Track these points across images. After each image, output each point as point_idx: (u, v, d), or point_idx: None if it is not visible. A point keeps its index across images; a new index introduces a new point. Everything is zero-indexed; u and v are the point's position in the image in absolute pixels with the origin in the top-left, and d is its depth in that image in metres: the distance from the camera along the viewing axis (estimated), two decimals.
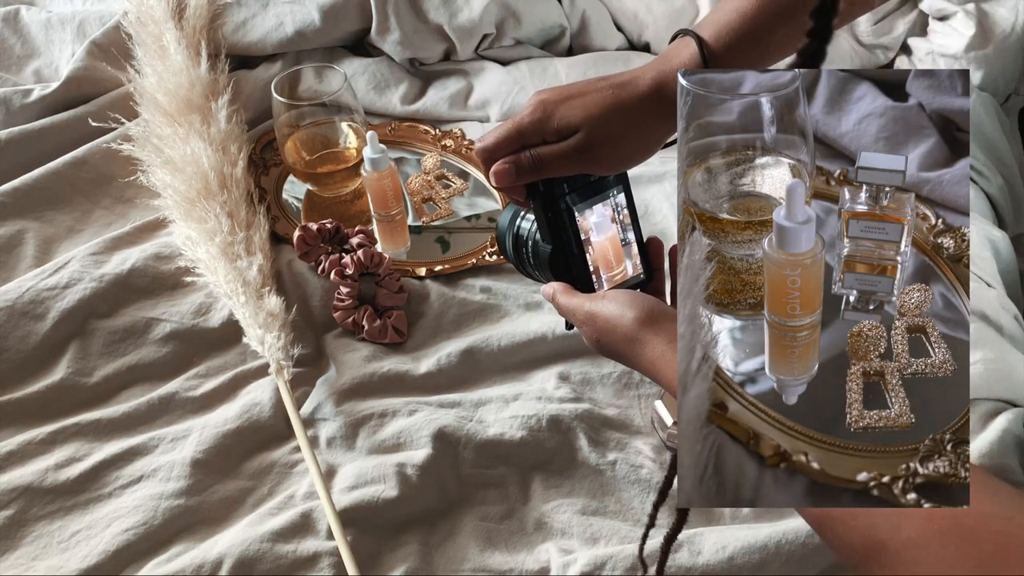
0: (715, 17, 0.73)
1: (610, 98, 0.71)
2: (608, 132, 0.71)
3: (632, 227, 0.78)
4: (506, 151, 0.73)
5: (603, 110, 0.71)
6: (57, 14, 1.34)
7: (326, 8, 1.29)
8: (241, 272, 1.02)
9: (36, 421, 0.95)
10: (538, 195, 0.74)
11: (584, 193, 0.74)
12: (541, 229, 0.76)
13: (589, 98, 0.71)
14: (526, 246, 0.79)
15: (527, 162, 0.72)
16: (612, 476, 0.92)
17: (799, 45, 0.73)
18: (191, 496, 0.89)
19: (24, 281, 1.04)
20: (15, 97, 1.24)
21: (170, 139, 1.13)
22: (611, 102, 0.71)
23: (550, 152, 0.71)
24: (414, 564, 0.85)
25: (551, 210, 0.74)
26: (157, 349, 1.01)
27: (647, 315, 0.68)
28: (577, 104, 0.71)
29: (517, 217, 0.80)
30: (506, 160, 0.72)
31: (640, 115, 0.72)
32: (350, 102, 1.16)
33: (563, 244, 0.75)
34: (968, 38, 1.24)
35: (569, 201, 0.74)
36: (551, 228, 0.75)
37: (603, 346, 0.72)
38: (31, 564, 0.85)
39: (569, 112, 0.71)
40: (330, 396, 0.97)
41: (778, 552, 0.83)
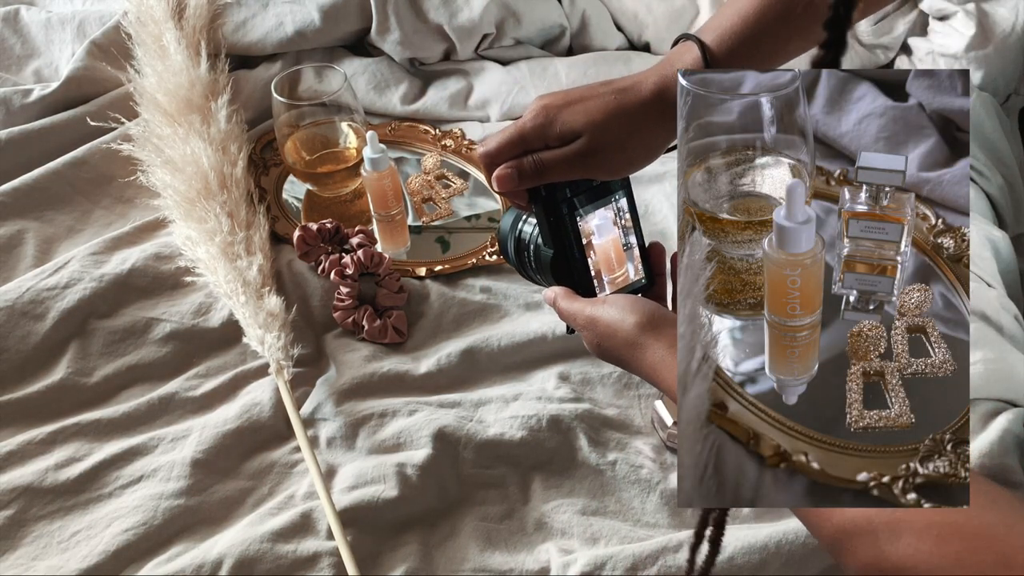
0: (717, 22, 0.73)
1: (613, 103, 0.71)
2: (611, 137, 0.71)
3: (634, 231, 0.78)
4: (508, 155, 0.73)
5: (606, 115, 0.71)
6: (57, 14, 1.34)
7: (326, 8, 1.29)
8: (241, 272, 1.02)
9: (36, 421, 0.95)
10: (540, 199, 0.74)
11: (586, 197, 0.74)
12: (543, 233, 0.76)
13: (592, 103, 0.71)
14: (528, 250, 0.79)
15: (529, 167, 0.72)
16: (612, 476, 0.92)
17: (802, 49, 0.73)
18: (191, 496, 0.89)
19: (24, 281, 1.04)
20: (15, 97, 1.24)
21: (170, 139, 1.13)
22: (614, 107, 0.71)
23: (552, 157, 0.72)
24: (414, 564, 0.85)
25: (553, 214, 0.74)
26: (157, 349, 1.01)
27: (648, 320, 0.68)
28: (580, 109, 0.71)
29: (519, 221, 0.80)
30: (508, 164, 0.72)
31: (643, 120, 0.72)
32: (350, 102, 1.16)
33: (565, 248, 0.75)
34: (968, 38, 1.24)
35: (571, 205, 0.74)
36: (553, 232, 0.75)
37: (604, 351, 0.72)
38: (31, 564, 0.85)
39: (572, 117, 0.71)
40: (330, 396, 0.97)
41: (778, 552, 0.83)
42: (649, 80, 0.72)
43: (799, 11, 0.69)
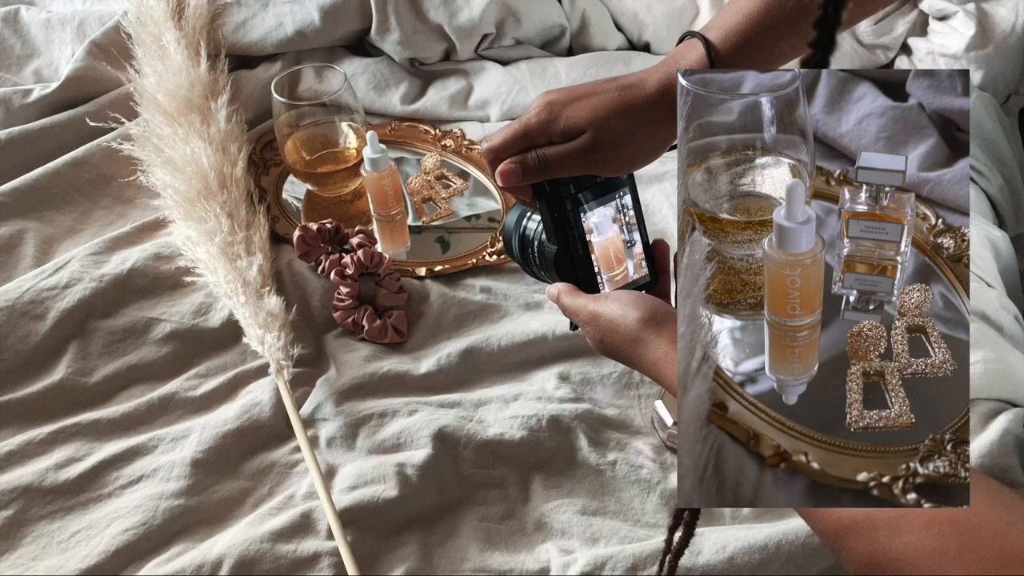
0: (721, 20, 0.73)
1: (617, 100, 0.71)
2: (615, 134, 0.71)
3: (638, 228, 0.78)
4: (512, 151, 0.73)
5: (610, 112, 0.71)
6: (57, 14, 1.34)
7: (326, 8, 1.29)
8: (241, 272, 1.02)
9: (36, 421, 0.95)
10: (544, 195, 0.74)
11: (591, 193, 0.75)
12: (547, 229, 0.76)
13: (596, 99, 0.71)
14: (532, 246, 0.79)
15: (533, 162, 0.72)
16: (612, 476, 0.92)
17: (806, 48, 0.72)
18: (191, 496, 0.89)
19: (24, 281, 1.04)
20: (15, 97, 1.24)
21: (170, 139, 1.13)
22: (618, 104, 0.71)
23: (556, 153, 0.72)
24: (414, 564, 0.85)
25: (557, 210, 0.74)
26: (157, 349, 1.01)
27: (651, 316, 0.69)
28: (584, 105, 0.71)
29: (523, 217, 0.80)
30: (512, 160, 0.72)
31: (647, 117, 0.72)
32: (350, 102, 1.16)
33: (568, 244, 0.75)
34: (968, 38, 1.24)
35: (575, 201, 0.74)
36: (557, 228, 0.75)
37: (606, 346, 0.72)
38: (31, 564, 0.85)
39: (576, 113, 0.71)
40: (330, 396, 0.97)
41: (778, 552, 0.83)
42: (653, 77, 0.72)
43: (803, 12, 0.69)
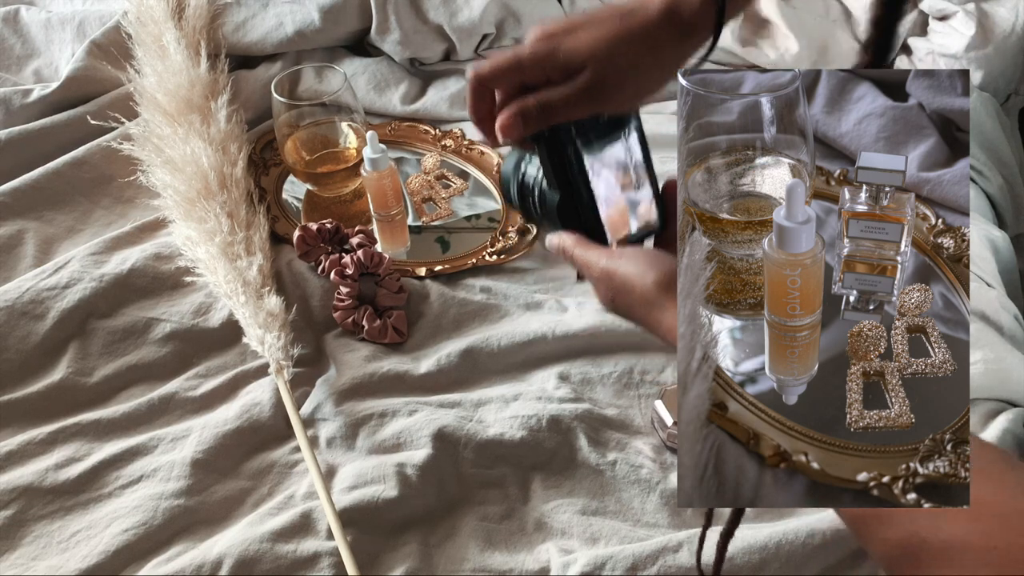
0: None
1: (618, 28, 0.66)
2: (617, 66, 0.66)
3: (646, 170, 0.71)
4: (501, 82, 0.67)
5: (610, 43, 0.65)
6: (57, 14, 1.34)
7: (326, 8, 1.29)
8: (241, 272, 1.02)
9: (36, 421, 0.95)
10: (543, 139, 0.68)
11: (594, 134, 0.68)
12: (548, 176, 0.70)
13: (595, 29, 0.66)
14: (532, 194, 0.73)
15: (534, 110, 0.66)
16: (612, 476, 0.92)
17: None
18: (191, 496, 0.89)
19: (24, 281, 1.04)
20: (15, 97, 1.24)
21: (170, 139, 1.13)
22: (619, 32, 0.66)
23: (559, 97, 0.66)
24: (414, 564, 0.85)
25: (558, 156, 0.68)
26: (157, 349, 1.01)
27: (669, 279, 0.64)
28: (583, 36, 0.66)
29: (522, 162, 0.73)
30: (510, 112, 0.66)
31: (651, 44, 0.66)
32: (350, 102, 1.16)
33: (572, 191, 0.69)
34: (968, 38, 1.24)
35: (578, 145, 0.68)
36: (558, 175, 0.69)
37: (617, 306, 0.67)
38: (31, 564, 0.85)
39: (574, 44, 0.65)
40: (330, 396, 0.97)
41: (778, 552, 0.83)
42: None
43: None
